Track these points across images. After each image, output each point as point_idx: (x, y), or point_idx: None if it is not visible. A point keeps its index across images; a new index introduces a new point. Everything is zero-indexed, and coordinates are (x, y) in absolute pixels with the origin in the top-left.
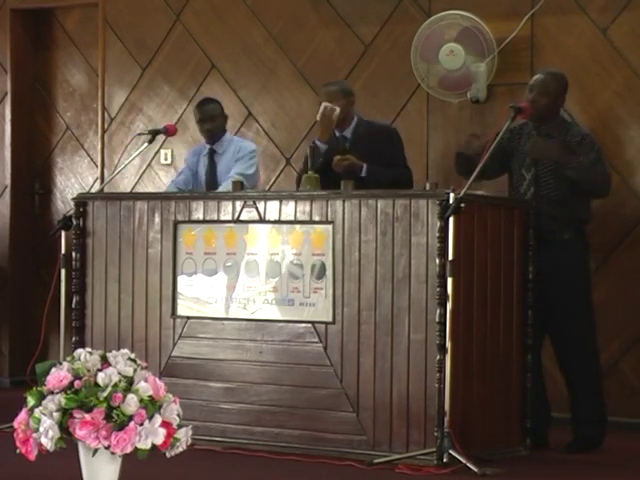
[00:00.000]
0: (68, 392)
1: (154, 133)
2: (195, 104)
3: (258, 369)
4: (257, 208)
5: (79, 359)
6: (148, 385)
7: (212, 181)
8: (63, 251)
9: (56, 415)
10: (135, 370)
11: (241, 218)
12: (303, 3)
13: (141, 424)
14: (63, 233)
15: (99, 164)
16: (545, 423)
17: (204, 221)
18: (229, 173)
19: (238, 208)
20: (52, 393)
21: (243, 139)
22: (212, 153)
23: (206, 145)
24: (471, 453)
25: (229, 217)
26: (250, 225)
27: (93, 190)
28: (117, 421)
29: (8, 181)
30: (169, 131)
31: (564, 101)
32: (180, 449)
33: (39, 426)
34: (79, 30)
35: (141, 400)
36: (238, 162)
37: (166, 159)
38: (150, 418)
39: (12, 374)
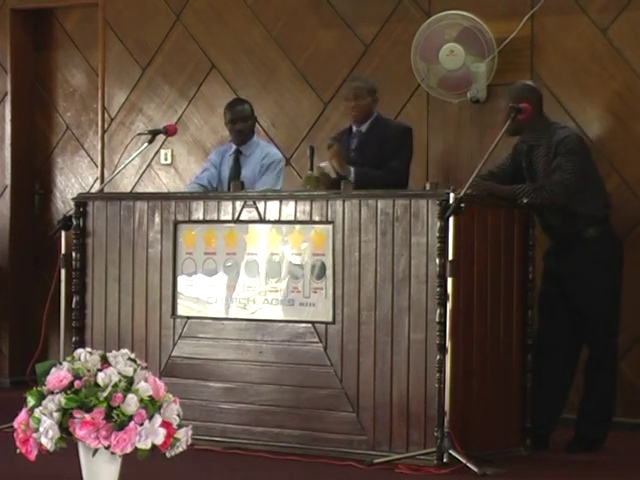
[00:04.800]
0: (68, 392)
1: (154, 133)
2: (226, 105)
3: (258, 369)
4: (257, 208)
5: (79, 359)
6: (148, 385)
7: None
8: (63, 251)
9: (56, 415)
10: (135, 370)
11: (241, 218)
12: (303, 3)
13: (141, 424)
14: (63, 233)
15: (99, 164)
16: (551, 427)
17: (204, 221)
18: (253, 176)
19: (238, 208)
20: (52, 393)
21: (269, 144)
22: (238, 154)
23: (232, 145)
24: (471, 453)
25: (229, 217)
26: (250, 225)
27: (93, 190)
28: (117, 421)
29: (8, 181)
30: (169, 131)
31: (540, 107)
32: (180, 449)
33: (39, 426)
34: (79, 30)
35: (141, 400)
36: (267, 173)
37: (166, 159)
38: (150, 418)
39: (12, 374)
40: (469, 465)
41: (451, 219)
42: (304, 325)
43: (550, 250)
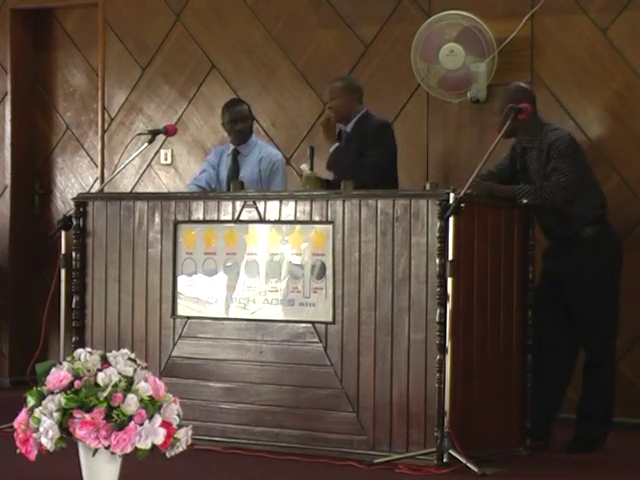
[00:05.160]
0: (68, 392)
1: (154, 133)
2: (223, 105)
3: (258, 369)
4: (257, 208)
5: (79, 359)
6: (148, 385)
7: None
8: (63, 251)
9: (56, 415)
10: (135, 370)
11: (241, 218)
12: (303, 3)
13: (141, 424)
14: (63, 233)
15: (99, 164)
16: (550, 426)
17: (204, 221)
18: (252, 176)
19: (238, 208)
20: (52, 393)
21: (268, 145)
22: (236, 154)
23: (230, 145)
24: (471, 453)
25: (229, 217)
26: (250, 225)
27: (93, 190)
28: (117, 421)
29: (8, 181)
30: (169, 131)
31: (534, 108)
32: (180, 449)
33: (39, 426)
34: (79, 30)
35: (141, 400)
36: (274, 177)
37: (166, 159)
38: (150, 418)
39: (12, 374)
40: (469, 465)
41: (451, 219)
42: (304, 325)
43: (548, 250)
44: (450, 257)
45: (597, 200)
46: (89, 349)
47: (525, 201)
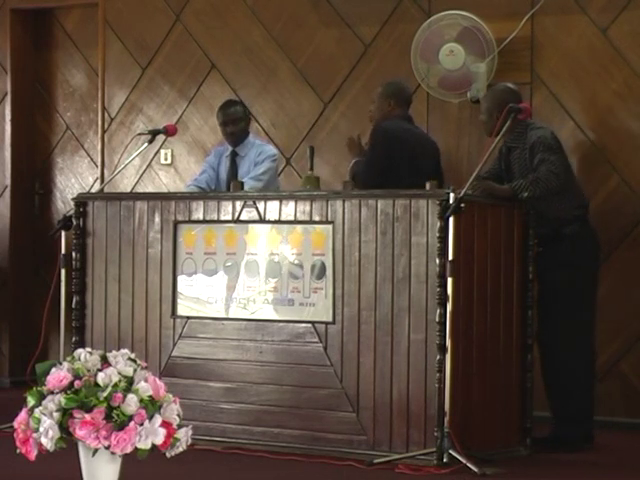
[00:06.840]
0: (68, 392)
1: (154, 133)
2: (218, 107)
3: (258, 369)
4: (257, 208)
5: (79, 359)
6: (148, 385)
7: None
8: (63, 251)
9: (56, 415)
10: (135, 370)
11: (241, 218)
12: (303, 3)
13: (141, 424)
14: (63, 233)
15: (99, 164)
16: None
17: (204, 221)
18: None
19: (238, 208)
20: (52, 393)
21: (265, 143)
22: (234, 155)
23: (228, 147)
24: (471, 453)
25: (229, 217)
26: (250, 225)
27: (93, 190)
28: (117, 421)
29: (8, 181)
30: (169, 131)
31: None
32: (180, 449)
33: (39, 426)
34: (79, 30)
35: (141, 400)
36: (257, 166)
37: (166, 159)
38: (150, 418)
39: (12, 374)
40: (469, 465)
41: (451, 219)
42: (304, 325)
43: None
44: (450, 257)
45: (577, 200)
46: (89, 349)
47: (526, 194)
